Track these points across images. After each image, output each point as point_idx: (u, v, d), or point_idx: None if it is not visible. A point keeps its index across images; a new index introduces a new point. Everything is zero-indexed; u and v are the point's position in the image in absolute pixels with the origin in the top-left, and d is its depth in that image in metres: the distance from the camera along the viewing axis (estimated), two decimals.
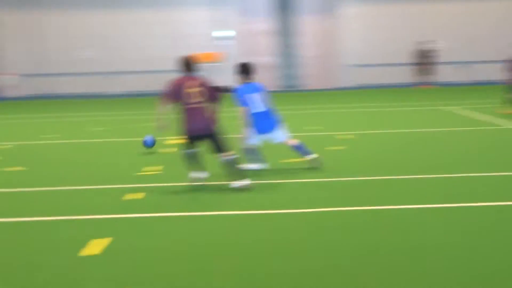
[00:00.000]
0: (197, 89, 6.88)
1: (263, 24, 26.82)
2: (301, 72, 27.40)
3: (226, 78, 26.08)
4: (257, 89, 7.78)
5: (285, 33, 27.08)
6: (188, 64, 7.05)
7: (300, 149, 8.05)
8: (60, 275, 4.35)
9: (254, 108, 7.70)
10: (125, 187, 7.22)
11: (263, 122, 7.78)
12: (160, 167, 8.47)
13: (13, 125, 15.24)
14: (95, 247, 4.94)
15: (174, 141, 10.99)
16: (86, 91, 25.75)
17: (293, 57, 27.30)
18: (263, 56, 27.13)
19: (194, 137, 6.94)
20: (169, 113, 7.06)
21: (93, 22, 25.78)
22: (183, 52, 26.57)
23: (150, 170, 8.30)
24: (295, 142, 8.10)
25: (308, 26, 27.11)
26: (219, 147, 6.92)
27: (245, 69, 7.84)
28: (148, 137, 10.20)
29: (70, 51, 25.63)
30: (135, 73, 25.75)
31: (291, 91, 26.39)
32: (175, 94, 6.89)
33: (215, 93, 7.00)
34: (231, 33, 26.09)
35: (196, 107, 6.85)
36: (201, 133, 6.89)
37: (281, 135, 8.03)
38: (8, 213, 6.22)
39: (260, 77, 28.08)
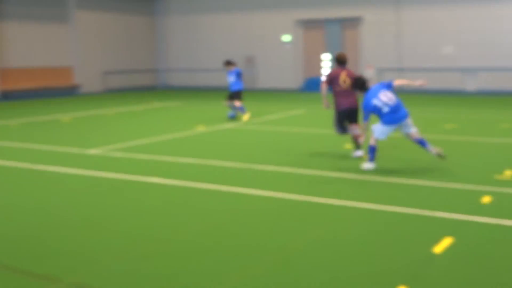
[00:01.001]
0: (345, 78, 9.68)
1: None
2: None
3: None
4: (384, 87, 8.68)
5: None
6: (340, 60, 9.86)
7: (424, 144, 8.51)
8: (410, 267, 4.99)
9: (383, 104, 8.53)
10: (482, 190, 7.47)
11: (391, 114, 8.47)
12: None
13: None
14: (444, 245, 5.42)
15: None
16: (442, 87, 25.90)
17: None
18: None
19: (343, 111, 9.70)
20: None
21: (449, 17, 25.69)
22: None
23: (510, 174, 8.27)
24: (419, 136, 8.61)
25: None
26: (354, 120, 9.67)
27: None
28: (231, 113, 15.53)
29: (427, 46, 26.14)
30: (492, 70, 24.74)
31: None
32: (331, 80, 9.78)
33: (356, 81, 9.10)
34: None
35: (345, 90, 9.67)
36: (347, 108, 9.65)
37: (411, 127, 8.58)
38: (354, 197, 7.15)
39: None
